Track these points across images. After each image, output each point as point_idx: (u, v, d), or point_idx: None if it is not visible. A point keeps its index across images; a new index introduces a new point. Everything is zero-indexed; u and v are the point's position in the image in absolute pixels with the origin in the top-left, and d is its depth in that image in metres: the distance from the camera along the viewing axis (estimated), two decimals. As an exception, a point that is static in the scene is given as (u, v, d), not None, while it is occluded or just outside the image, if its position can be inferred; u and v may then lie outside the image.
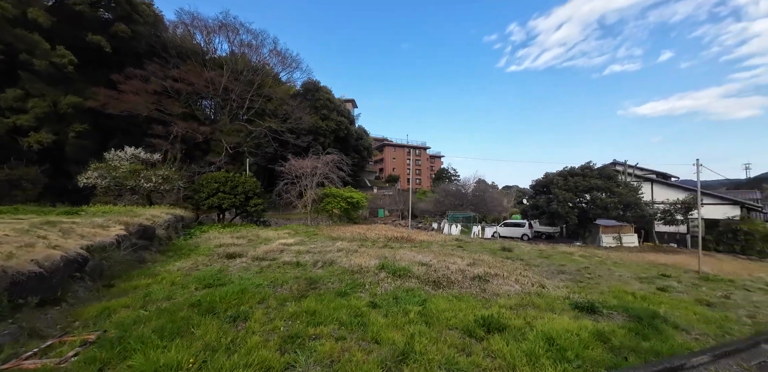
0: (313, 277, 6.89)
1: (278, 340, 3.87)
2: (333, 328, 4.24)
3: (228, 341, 3.79)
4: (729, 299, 6.89)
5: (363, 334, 4.09)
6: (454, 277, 7.17)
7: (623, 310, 5.37)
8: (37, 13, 19.12)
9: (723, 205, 18.95)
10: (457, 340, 4.05)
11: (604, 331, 4.32)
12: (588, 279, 8.33)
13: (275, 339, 3.89)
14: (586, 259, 12.28)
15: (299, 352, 3.57)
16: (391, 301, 5.56)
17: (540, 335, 4.12)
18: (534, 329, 4.37)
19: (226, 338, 3.86)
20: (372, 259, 8.90)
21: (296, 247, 10.86)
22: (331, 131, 33.40)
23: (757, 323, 5.41)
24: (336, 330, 4.20)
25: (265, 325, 4.31)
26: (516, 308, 5.41)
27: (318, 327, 4.26)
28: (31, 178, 20.76)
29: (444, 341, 3.98)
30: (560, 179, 18.19)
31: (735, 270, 12.69)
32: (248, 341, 3.78)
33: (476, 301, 5.70)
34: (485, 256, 10.65)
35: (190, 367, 3.19)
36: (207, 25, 26.69)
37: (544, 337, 4.08)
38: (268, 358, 3.38)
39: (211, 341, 3.76)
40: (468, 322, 4.55)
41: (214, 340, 3.80)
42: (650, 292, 7.09)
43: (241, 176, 18.52)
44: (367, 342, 3.92)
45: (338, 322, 4.42)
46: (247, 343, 3.75)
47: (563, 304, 5.68)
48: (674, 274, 9.82)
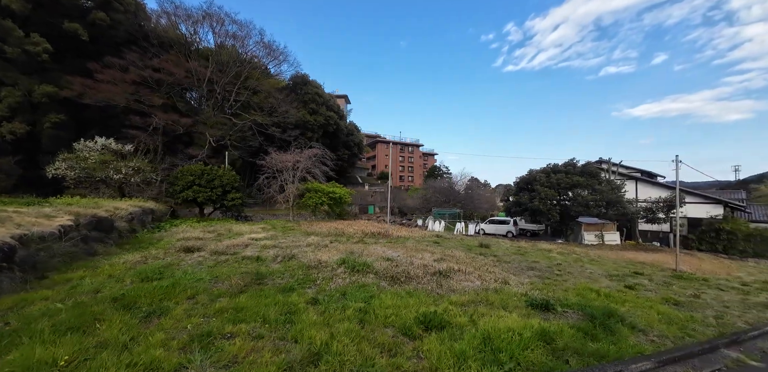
0: (263, 272, 6.53)
1: (186, 338, 3.53)
2: (254, 326, 3.90)
3: (127, 338, 3.45)
4: (699, 299, 6.65)
5: (284, 333, 3.76)
6: (415, 273, 6.85)
7: (580, 309, 5.08)
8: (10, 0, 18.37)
9: (706, 204, 18.85)
10: (388, 339, 3.72)
11: (550, 330, 4.01)
12: (557, 276, 8.05)
13: (183, 337, 3.55)
14: (562, 256, 12.05)
15: (201, 351, 3.22)
16: (337, 297, 5.23)
17: (478, 334, 3.80)
18: (476, 328, 4.06)
19: (128, 335, 3.53)
20: (337, 254, 8.57)
21: (264, 242, 10.48)
22: (319, 126, 32.89)
23: (723, 325, 5.14)
24: (257, 328, 3.86)
25: (179, 322, 3.96)
26: (467, 305, 5.10)
27: (239, 325, 3.92)
28: (5, 169, 20.12)
29: (371, 340, 3.65)
30: (543, 176, 17.90)
31: (714, 269, 12.54)
32: (150, 339, 3.45)
33: (428, 298, 5.38)
34: (458, 252, 10.35)
35: (64, 364, 2.85)
36: (190, 14, 25.97)
37: (482, 336, 3.76)
38: (160, 357, 3.05)
39: (110, 338, 3.44)
40: (408, 319, 4.23)
41: (112, 336, 3.46)
42: (617, 290, 6.83)
43: (219, 169, 18.04)
44: (285, 341, 3.58)
45: (263, 320, 4.08)
46: (149, 340, 3.43)
47: (519, 301, 5.38)
48: (648, 272, 9.60)
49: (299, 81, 33.47)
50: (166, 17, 26.90)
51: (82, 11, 21.80)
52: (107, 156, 15.40)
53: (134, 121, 20.80)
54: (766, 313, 5.85)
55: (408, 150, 64.65)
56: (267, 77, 31.85)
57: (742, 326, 5.10)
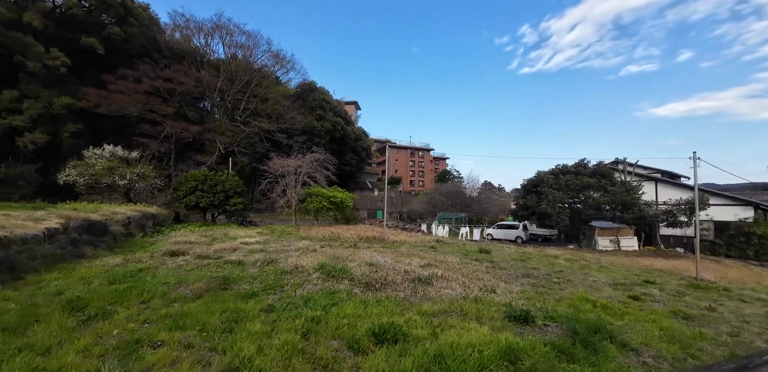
0: (232, 277, 6.32)
1: (114, 344, 3.37)
2: (190, 334, 3.64)
3: (55, 342, 3.36)
4: (714, 312, 5.86)
5: (218, 343, 3.47)
6: (393, 279, 6.44)
7: (566, 322, 4.51)
8: (32, 17, 19.60)
9: (734, 206, 17.27)
10: (329, 353, 3.35)
11: (519, 347, 3.51)
12: (554, 284, 7.40)
13: (110, 343, 3.38)
14: (568, 263, 11.23)
15: (119, 360, 3.01)
16: (298, 304, 4.91)
17: (431, 351, 3.36)
18: (434, 342, 3.62)
19: (57, 338, 3.41)
20: (321, 259, 8.27)
21: (253, 246, 10.34)
22: (326, 131, 33.09)
23: (738, 344, 4.41)
24: (191, 336, 3.60)
25: (116, 327, 3.79)
26: (437, 315, 4.64)
27: (175, 332, 3.67)
28: (26, 177, 21.26)
29: (308, 355, 3.29)
30: (551, 177, 16.94)
31: (741, 277, 11.35)
32: (76, 343, 3.30)
33: (396, 306, 4.96)
34: (451, 258, 9.82)
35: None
36: (201, 27, 26.94)
37: (435, 353, 3.32)
38: (72, 364, 2.92)
39: (37, 340, 3.39)
40: (361, 331, 3.85)
41: (40, 339, 3.39)
42: (618, 301, 6.15)
43: (222, 175, 18.26)
44: (213, 352, 3.28)
45: (202, 328, 3.82)
46: (74, 344, 3.29)
47: (498, 312, 4.87)
48: (661, 281, 8.72)
49: (306, 88, 33.94)
50: (179, 31, 28.02)
51: (98, 26, 23.02)
52: (114, 162, 15.88)
53: (144, 130, 21.53)
54: None
55: (418, 154, 64.14)
56: (275, 85, 32.50)
57: (762, 346, 4.38)
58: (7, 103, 20.29)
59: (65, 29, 21.93)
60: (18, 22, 19.58)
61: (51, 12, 22.05)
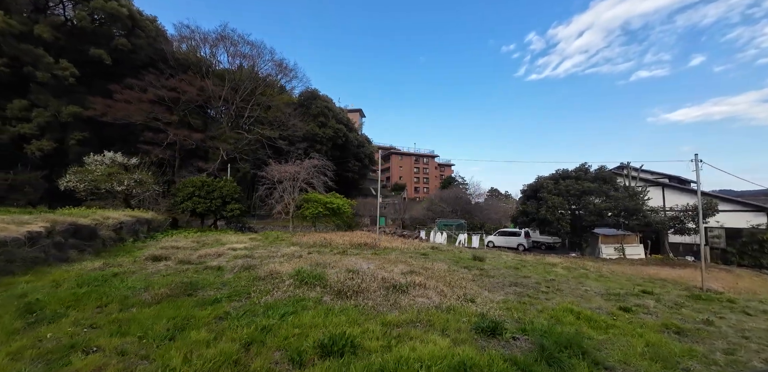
0: (202, 283, 6.17)
1: (48, 348, 3.29)
2: (129, 341, 3.50)
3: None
4: (711, 326, 5.39)
5: (152, 351, 3.28)
6: (368, 287, 6.18)
7: (539, 335, 4.17)
8: (42, 30, 20.43)
9: (746, 212, 16.39)
10: (266, 365, 3.13)
11: (474, 363, 3.22)
12: (541, 293, 7.01)
13: (45, 347, 3.31)
14: (565, 272, 10.74)
15: (44, 365, 2.92)
16: (258, 312, 4.72)
17: (376, 365, 3.11)
18: (385, 355, 3.35)
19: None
20: (303, 265, 8.07)
21: (239, 252, 10.22)
22: (328, 138, 33.26)
23: (732, 363, 3.97)
24: (130, 343, 3.46)
25: (58, 331, 3.71)
26: (401, 326, 4.37)
27: (115, 338, 3.57)
28: (32, 183, 21.84)
29: (241, 367, 3.07)
30: (550, 183, 16.41)
31: (753, 287, 10.65)
32: (11, 346, 3.30)
33: (360, 315, 4.70)
34: (439, 265, 9.49)
35: None
36: (205, 37, 27.70)
37: (380, 367, 3.06)
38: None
39: None
40: (310, 342, 3.61)
41: None
42: (607, 313, 5.74)
43: (220, 181, 18.37)
44: (144, 361, 3.12)
45: (144, 334, 3.66)
46: (9, 347, 3.26)
47: (468, 322, 4.56)
48: (661, 291, 8.20)
49: (309, 96, 34.35)
50: (185, 42, 28.87)
51: (107, 38, 23.82)
52: (114, 169, 16.13)
53: (148, 138, 21.94)
54: None
55: (423, 161, 63.89)
56: (279, 94, 32.99)
57: (758, 366, 3.94)
58: (17, 112, 21.00)
59: (76, 41, 22.77)
60: (29, 34, 20.42)
61: (62, 25, 22.96)
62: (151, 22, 26.51)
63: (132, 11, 23.76)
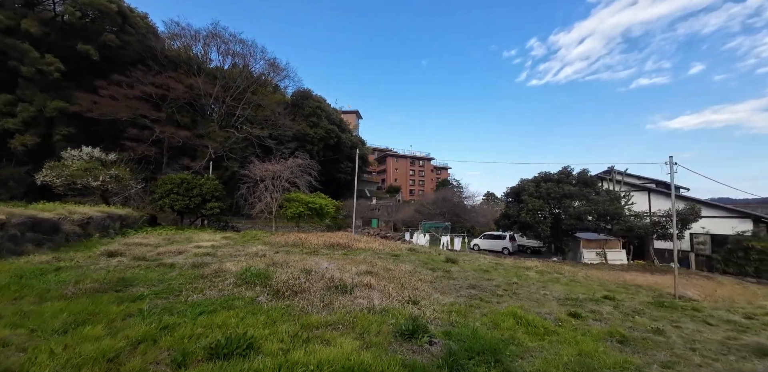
0: (136, 279, 5.98)
1: None
2: (19, 333, 3.52)
3: None
4: (661, 335, 5.07)
5: (33, 343, 3.13)
6: (310, 287, 5.96)
7: (462, 340, 3.93)
8: (29, 24, 20.39)
9: (731, 218, 16.08)
10: (142, 365, 2.91)
11: (367, 369, 2.99)
12: (496, 297, 6.77)
13: None
14: (538, 275, 10.48)
15: None
16: (176, 310, 4.51)
17: (261, 368, 2.88)
18: (278, 358, 3.13)
19: None
20: (260, 264, 7.86)
21: (203, 250, 10.01)
22: (319, 139, 33.11)
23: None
24: (18, 335, 3.44)
25: None
26: (319, 327, 4.15)
27: (6, 329, 3.53)
28: (16, 178, 21.72)
29: (113, 363, 2.87)
30: (532, 185, 16.14)
31: (732, 295, 10.37)
32: None
33: (282, 316, 4.48)
34: (405, 266, 9.28)
35: None
36: (195, 35, 27.68)
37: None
38: None
39: None
40: (206, 342, 3.39)
41: None
42: (554, 318, 5.50)
43: (201, 178, 18.19)
44: (20, 352, 2.94)
45: (38, 328, 3.57)
46: None
47: (395, 325, 4.31)
48: (626, 297, 7.94)
49: (301, 95, 34.28)
50: (177, 39, 28.86)
51: (98, 34, 23.79)
52: (92, 164, 15.96)
53: (131, 134, 21.80)
54: (746, 363, 4.19)
55: (419, 164, 63.73)
56: (271, 93, 32.94)
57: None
58: (2, 107, 20.90)
59: (65, 36, 22.74)
60: (17, 28, 20.38)
61: (51, 20, 22.95)
62: (142, 18, 26.51)
63: (122, 7, 23.73)
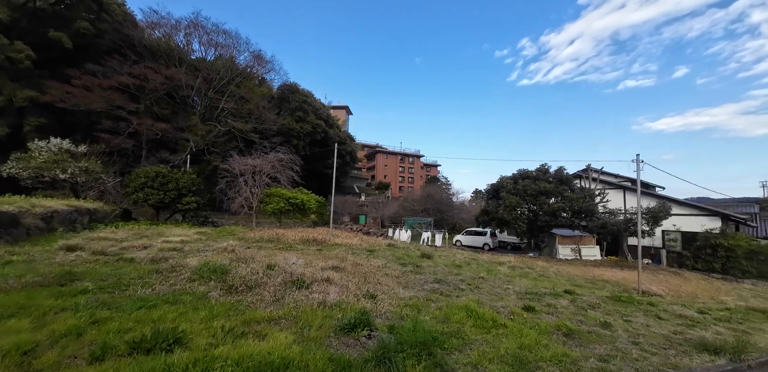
0: (86, 273, 5.81)
1: None
2: None
3: None
4: (607, 328, 5.14)
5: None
6: (267, 282, 5.88)
7: (404, 332, 3.91)
8: (-3, 9, 19.44)
9: (700, 216, 16.63)
10: (56, 359, 2.81)
11: (289, 363, 2.95)
12: (458, 291, 6.82)
13: None
14: (510, 270, 10.63)
15: None
16: (117, 304, 4.39)
17: (168, 364, 2.80)
18: (199, 353, 3.05)
19: None
20: (223, 259, 7.73)
21: (170, 245, 9.76)
22: (306, 134, 32.74)
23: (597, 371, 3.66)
24: None
25: None
26: (261, 322, 4.10)
27: None
28: (-16, 170, 20.88)
29: (26, 356, 2.75)
30: (510, 182, 16.35)
31: (695, 291, 10.69)
32: None
33: (227, 311, 4.41)
34: (376, 262, 9.29)
35: None
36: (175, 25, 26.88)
37: (172, 366, 2.76)
38: None
39: None
40: (128, 336, 3.29)
41: None
42: (508, 312, 5.55)
43: (177, 172, 17.78)
44: None
45: None
46: None
47: (341, 319, 4.27)
48: (587, 292, 8.10)
49: (287, 89, 33.76)
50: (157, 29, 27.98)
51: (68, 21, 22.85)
52: (60, 156, 15.43)
53: (106, 126, 21.15)
54: (684, 358, 4.22)
55: (408, 160, 63.77)
56: (255, 86, 32.36)
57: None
58: (-32, 96, 19.97)
59: (37, 23, 21.78)
60: (-17, 14, 19.41)
61: (23, 6, 21.92)
62: (119, 6, 25.57)
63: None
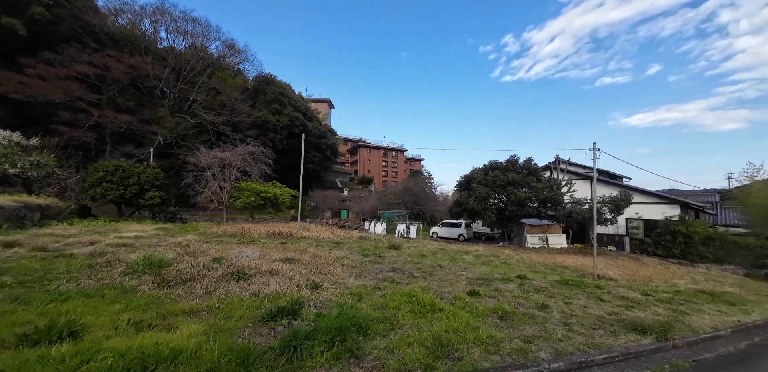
0: (12, 269, 5.47)
1: None
2: None
3: None
4: (543, 311, 5.21)
5: None
6: (205, 275, 5.66)
7: (330, 319, 3.81)
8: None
9: (660, 204, 17.34)
10: None
11: (178, 354, 2.79)
12: (411, 278, 6.82)
13: None
14: (474, 259, 10.75)
15: None
16: (29, 298, 4.13)
17: (50, 355, 2.60)
18: (85, 345, 2.85)
19: None
20: (169, 254, 7.45)
21: (121, 241, 9.38)
22: (282, 127, 31.97)
23: (518, 352, 3.61)
24: None
25: None
26: (179, 315, 3.93)
27: None
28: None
29: None
30: (480, 173, 16.52)
31: (651, 275, 11.10)
32: None
33: (148, 304, 4.24)
34: (337, 253, 9.21)
35: None
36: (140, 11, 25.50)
37: (57, 358, 2.56)
38: None
39: None
40: (21, 329, 3.05)
41: None
42: (452, 297, 5.56)
43: (139, 166, 17.03)
44: None
45: None
46: None
47: (269, 309, 4.12)
48: (540, 276, 8.26)
49: (263, 80, 32.79)
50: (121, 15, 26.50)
51: (22, 6, 21.31)
52: (10, 149, 14.47)
53: (64, 117, 19.98)
54: (608, 338, 4.28)
55: (392, 155, 63.62)
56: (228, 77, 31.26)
57: (543, 357, 3.58)
58: None
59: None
60: None
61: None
62: (78, -10, 23.99)
63: (50, -23, 21.31)
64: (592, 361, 3.57)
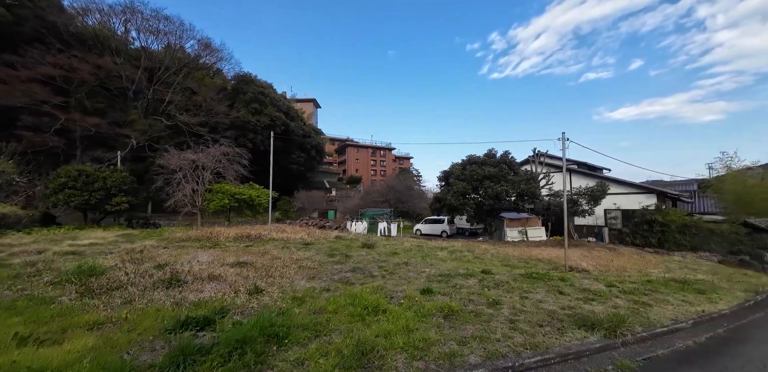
0: None
1: None
2: None
3: None
4: (493, 307, 4.94)
5: None
6: (134, 282, 5.30)
7: (245, 329, 3.49)
8: None
9: (637, 194, 17.42)
10: None
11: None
12: (370, 278, 6.56)
13: None
14: (448, 254, 10.55)
15: None
16: None
17: None
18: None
19: None
20: (114, 261, 7.04)
21: (72, 248, 8.95)
22: (264, 127, 31.36)
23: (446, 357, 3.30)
24: None
25: None
26: (78, 327, 3.54)
27: None
28: None
29: None
30: (459, 168, 16.37)
31: (625, 265, 11.02)
32: None
33: (50, 316, 3.86)
34: (301, 254, 8.89)
35: None
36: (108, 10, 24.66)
37: None
38: None
39: None
40: None
41: None
42: (404, 297, 5.29)
43: (105, 170, 16.40)
44: None
45: None
46: None
47: (175, 320, 3.78)
48: (506, 270, 8.06)
49: (242, 80, 32.15)
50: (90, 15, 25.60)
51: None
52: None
53: (27, 122, 19.17)
54: (551, 337, 3.98)
55: (380, 154, 63.28)
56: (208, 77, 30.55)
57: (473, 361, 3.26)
58: None
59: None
60: None
61: None
62: (40, -10, 23.03)
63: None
64: (521, 365, 3.25)
